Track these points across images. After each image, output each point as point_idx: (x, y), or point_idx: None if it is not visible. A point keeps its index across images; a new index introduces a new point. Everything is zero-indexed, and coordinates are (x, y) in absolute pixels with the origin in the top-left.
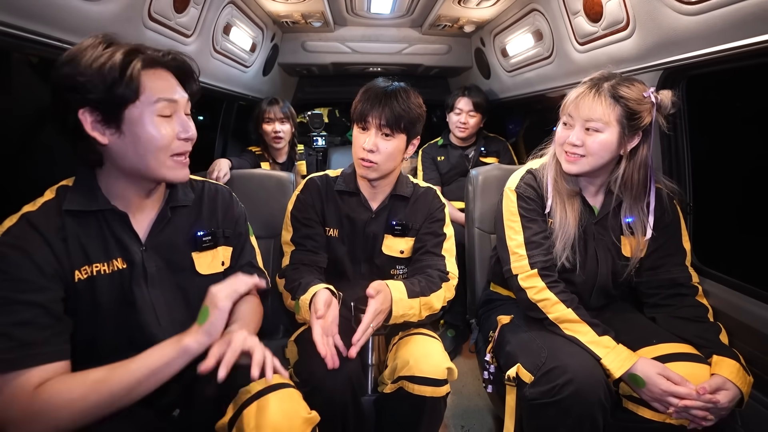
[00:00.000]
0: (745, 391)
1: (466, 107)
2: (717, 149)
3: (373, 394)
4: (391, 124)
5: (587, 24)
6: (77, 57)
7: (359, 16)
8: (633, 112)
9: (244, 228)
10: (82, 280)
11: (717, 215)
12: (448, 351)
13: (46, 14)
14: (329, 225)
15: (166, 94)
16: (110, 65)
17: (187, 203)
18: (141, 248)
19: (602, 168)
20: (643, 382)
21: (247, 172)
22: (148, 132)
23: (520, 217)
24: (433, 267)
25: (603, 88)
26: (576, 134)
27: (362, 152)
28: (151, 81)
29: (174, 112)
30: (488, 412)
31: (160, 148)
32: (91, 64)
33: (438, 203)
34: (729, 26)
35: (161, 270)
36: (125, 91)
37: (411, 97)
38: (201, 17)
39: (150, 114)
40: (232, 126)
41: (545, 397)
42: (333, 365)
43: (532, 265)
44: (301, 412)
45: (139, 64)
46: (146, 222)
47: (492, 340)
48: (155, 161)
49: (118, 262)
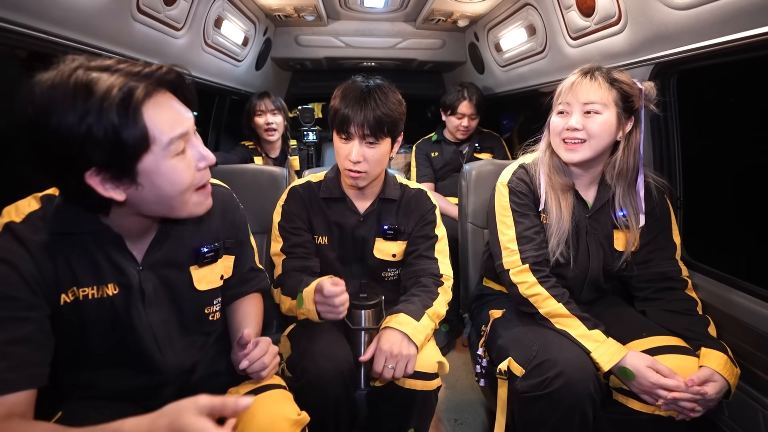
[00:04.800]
0: (732, 382)
1: (468, 111)
2: (707, 144)
3: (365, 388)
4: (374, 132)
5: (580, 18)
6: (53, 105)
7: (352, 10)
8: (627, 95)
9: (246, 234)
10: (68, 303)
11: (707, 209)
12: (441, 345)
13: (29, 5)
14: (318, 233)
15: (177, 129)
16: (109, 120)
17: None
18: (137, 268)
19: (600, 155)
20: (633, 375)
21: (240, 166)
22: (168, 178)
23: (512, 212)
24: (426, 272)
25: (596, 74)
26: (575, 118)
27: (348, 164)
28: (157, 115)
29: (187, 143)
30: (481, 406)
31: (184, 189)
32: (81, 115)
33: (429, 205)
34: (719, 21)
35: (156, 288)
36: (134, 141)
37: (390, 96)
38: (191, 10)
39: (165, 158)
40: (225, 120)
41: (536, 390)
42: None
43: (523, 260)
44: (290, 414)
45: (141, 97)
46: (143, 241)
47: (484, 335)
48: (180, 203)
49: (110, 288)
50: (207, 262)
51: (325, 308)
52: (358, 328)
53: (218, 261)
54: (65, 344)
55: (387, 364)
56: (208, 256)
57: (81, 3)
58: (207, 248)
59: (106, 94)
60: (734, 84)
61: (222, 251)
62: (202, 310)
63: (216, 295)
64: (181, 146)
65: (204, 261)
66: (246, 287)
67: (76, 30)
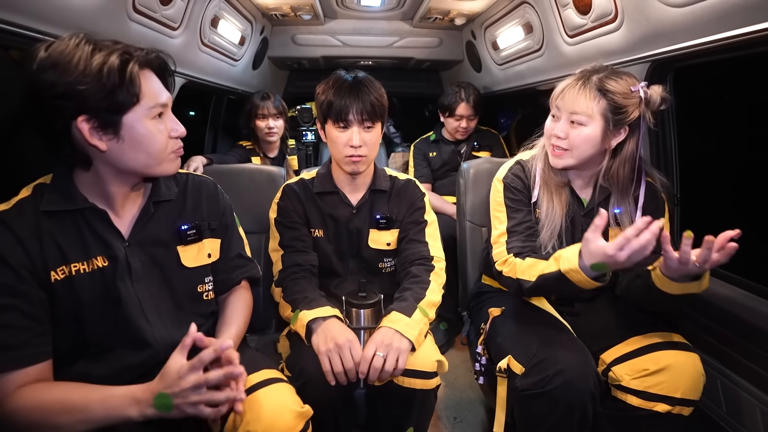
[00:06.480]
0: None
1: (466, 112)
2: (704, 141)
3: (364, 387)
4: (371, 116)
5: (576, 16)
6: (64, 61)
7: (349, 9)
8: (618, 107)
9: (231, 219)
10: (59, 280)
11: (704, 206)
12: (440, 344)
13: (24, 5)
14: (314, 226)
15: (160, 98)
16: (109, 69)
17: (170, 197)
18: (124, 244)
19: (588, 162)
20: (606, 265)
21: (238, 166)
22: (147, 136)
23: (505, 207)
24: (417, 255)
25: (590, 80)
26: (561, 127)
27: (349, 150)
28: (145, 82)
29: (164, 114)
30: (480, 404)
31: (161, 149)
32: (85, 69)
33: (419, 192)
34: (715, 17)
35: (146, 265)
36: (126, 97)
37: (375, 84)
38: (188, 9)
39: (146, 118)
40: (222, 120)
41: (536, 388)
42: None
43: (508, 250)
44: (295, 407)
45: (136, 67)
46: (128, 218)
47: (483, 332)
48: (155, 161)
49: (99, 260)
50: (191, 240)
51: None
52: (357, 328)
53: (204, 241)
54: (64, 332)
55: (377, 352)
56: (190, 234)
57: (76, 3)
58: (187, 225)
59: (108, 56)
60: (730, 81)
61: (207, 233)
62: (194, 288)
63: (206, 272)
64: (159, 112)
65: (188, 239)
66: (235, 274)
67: (71, 30)
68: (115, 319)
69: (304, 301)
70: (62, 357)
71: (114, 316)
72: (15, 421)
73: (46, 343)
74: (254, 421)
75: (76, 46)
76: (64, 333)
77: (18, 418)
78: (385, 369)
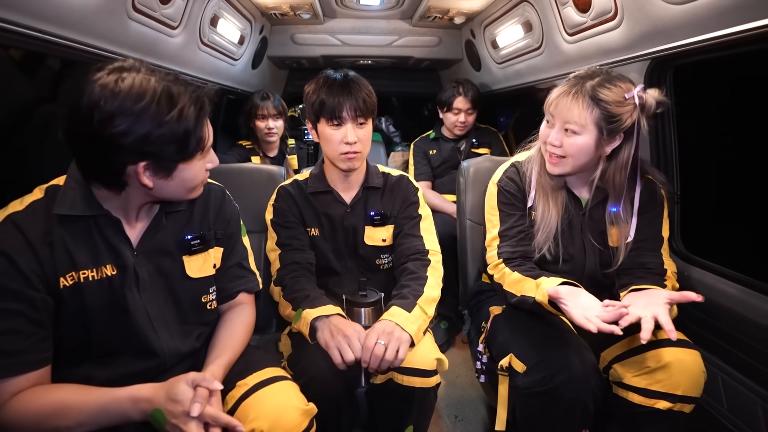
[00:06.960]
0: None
1: (464, 106)
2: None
3: (365, 386)
4: (364, 112)
5: (576, 14)
6: (137, 109)
7: (348, 8)
8: (612, 115)
9: (237, 228)
10: (67, 286)
11: (704, 204)
12: (441, 342)
13: (23, 4)
14: (310, 225)
15: (211, 140)
16: (185, 121)
17: (181, 207)
18: (133, 254)
19: (584, 167)
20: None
21: (237, 166)
22: (194, 174)
23: (498, 211)
24: (412, 249)
25: (583, 88)
26: (555, 135)
27: (345, 147)
28: (206, 125)
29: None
30: (481, 402)
31: (199, 183)
32: (161, 120)
33: (412, 188)
34: (715, 15)
35: (153, 275)
36: (195, 148)
37: (364, 82)
38: (187, 8)
39: (198, 160)
40: (221, 120)
41: (538, 386)
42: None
43: (499, 255)
44: (299, 404)
45: (207, 118)
46: (139, 227)
47: (484, 331)
48: (191, 192)
49: (108, 268)
50: (196, 250)
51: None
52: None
53: (210, 251)
54: (70, 334)
55: (379, 340)
56: (194, 244)
57: (76, 1)
58: (191, 236)
59: (185, 105)
60: (730, 78)
61: (213, 242)
62: (199, 299)
63: (210, 283)
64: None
65: (193, 249)
66: (231, 284)
67: (70, 29)
68: (122, 327)
69: (306, 299)
70: (67, 358)
71: (121, 324)
72: (14, 426)
73: (47, 349)
74: (259, 418)
75: (151, 95)
76: (70, 334)
77: (17, 422)
78: (385, 358)
